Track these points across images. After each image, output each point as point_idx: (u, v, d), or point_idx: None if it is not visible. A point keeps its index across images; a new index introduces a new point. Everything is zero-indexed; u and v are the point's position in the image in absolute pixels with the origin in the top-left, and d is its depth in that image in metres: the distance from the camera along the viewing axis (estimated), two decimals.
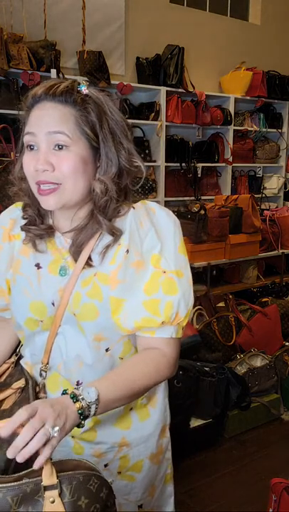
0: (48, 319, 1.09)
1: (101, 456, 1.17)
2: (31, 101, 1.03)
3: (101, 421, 1.15)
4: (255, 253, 3.57)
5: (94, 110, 1.01)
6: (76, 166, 1.00)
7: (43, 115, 1.00)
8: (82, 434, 1.14)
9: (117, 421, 1.17)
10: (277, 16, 5.46)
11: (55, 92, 1.00)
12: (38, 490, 0.82)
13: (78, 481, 0.84)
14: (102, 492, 0.87)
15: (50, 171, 0.99)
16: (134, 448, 1.20)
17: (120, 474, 1.20)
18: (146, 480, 1.25)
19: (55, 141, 0.99)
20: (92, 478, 0.86)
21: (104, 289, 1.05)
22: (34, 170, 1.00)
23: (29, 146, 1.02)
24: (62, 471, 0.85)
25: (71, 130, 0.99)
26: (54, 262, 1.10)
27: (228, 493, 2.32)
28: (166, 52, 4.33)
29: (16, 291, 1.13)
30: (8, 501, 0.81)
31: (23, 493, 0.82)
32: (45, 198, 1.02)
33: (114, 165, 1.04)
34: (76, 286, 1.06)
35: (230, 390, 2.73)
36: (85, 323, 1.06)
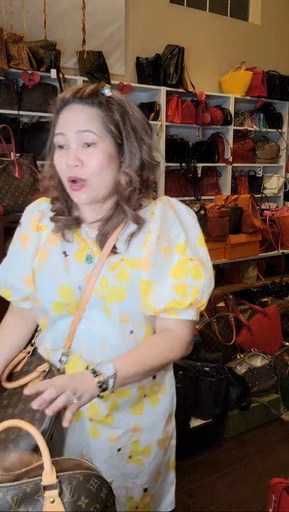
0: (74, 303, 1.16)
1: (116, 440, 1.24)
2: (60, 104, 1.12)
3: (119, 406, 1.22)
4: (255, 253, 3.57)
5: (117, 110, 1.11)
6: (103, 161, 1.10)
7: (71, 116, 1.10)
8: (101, 417, 1.21)
9: (132, 407, 1.25)
10: (277, 16, 5.46)
11: (82, 94, 1.10)
12: (38, 490, 0.83)
13: (78, 481, 0.84)
14: (102, 492, 0.87)
15: (80, 167, 1.09)
16: (144, 433, 1.28)
17: (131, 458, 1.27)
18: (153, 465, 1.32)
19: (84, 139, 1.09)
20: (92, 478, 0.86)
21: (132, 273, 1.14)
22: (66, 166, 1.10)
23: (60, 146, 1.12)
24: (62, 471, 0.85)
25: (98, 129, 1.09)
26: (80, 250, 1.19)
27: (228, 493, 2.32)
28: (166, 52, 4.33)
29: (43, 277, 1.20)
30: (8, 501, 0.81)
31: (23, 492, 0.82)
32: (77, 193, 1.12)
33: (137, 159, 1.13)
34: (103, 271, 1.15)
35: (230, 390, 2.73)
36: (112, 304, 1.14)
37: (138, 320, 1.17)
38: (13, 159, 2.37)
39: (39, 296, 1.21)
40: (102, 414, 1.21)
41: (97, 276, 1.15)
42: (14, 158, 2.38)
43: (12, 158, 2.38)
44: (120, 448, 1.25)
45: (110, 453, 1.25)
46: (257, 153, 5.16)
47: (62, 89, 3.70)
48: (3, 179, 2.36)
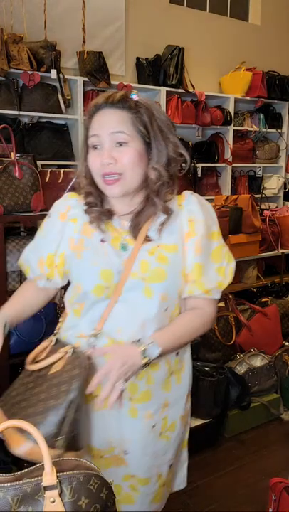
0: (113, 286, 1.27)
1: (151, 417, 1.36)
2: (93, 109, 1.26)
3: (154, 382, 1.34)
4: (255, 253, 3.57)
5: (145, 112, 1.24)
6: (134, 158, 1.23)
7: (105, 119, 1.23)
8: (140, 394, 1.33)
9: (163, 383, 1.37)
10: (277, 16, 5.46)
11: (114, 100, 1.23)
12: (38, 490, 0.83)
13: (78, 481, 0.85)
14: (102, 492, 0.87)
15: (113, 164, 1.22)
16: (171, 409, 1.40)
17: (161, 435, 1.40)
18: (178, 440, 1.45)
19: (116, 139, 1.22)
20: (92, 479, 0.86)
21: (170, 256, 1.29)
22: (100, 164, 1.23)
23: (94, 146, 1.25)
24: (63, 471, 0.85)
25: (129, 129, 1.22)
26: (115, 239, 1.31)
27: (228, 493, 2.33)
28: (166, 53, 4.33)
29: (83, 264, 1.31)
30: (8, 501, 0.81)
31: (23, 492, 0.82)
32: (111, 187, 1.25)
33: (164, 155, 1.27)
34: (142, 256, 1.28)
35: (230, 390, 2.73)
36: (154, 285, 1.27)
37: (174, 298, 1.31)
38: (14, 159, 2.38)
39: (80, 282, 1.32)
40: (141, 391, 1.32)
41: (133, 261, 1.27)
42: (14, 159, 2.38)
43: (12, 159, 2.38)
44: (154, 425, 1.37)
45: (146, 431, 1.36)
46: (257, 154, 5.15)
47: (63, 89, 3.70)
48: (4, 179, 2.37)
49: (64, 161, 3.79)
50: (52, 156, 3.73)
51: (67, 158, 3.83)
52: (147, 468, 1.38)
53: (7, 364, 2.51)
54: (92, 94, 3.93)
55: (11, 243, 2.46)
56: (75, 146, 3.91)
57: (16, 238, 2.51)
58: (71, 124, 3.93)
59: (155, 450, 1.39)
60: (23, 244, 2.49)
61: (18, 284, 2.49)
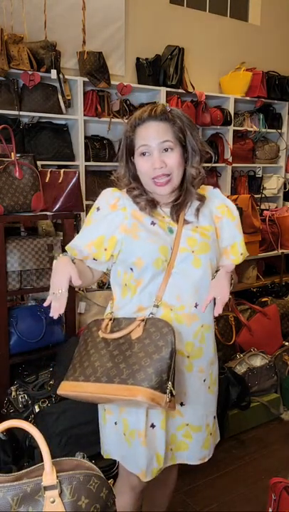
0: (168, 260, 1.51)
1: (203, 371, 1.60)
2: (138, 121, 1.50)
3: (205, 343, 1.59)
4: (255, 253, 3.57)
5: (179, 121, 1.50)
6: (179, 160, 1.51)
7: (151, 131, 1.48)
8: (195, 350, 1.56)
9: (211, 342, 1.63)
10: (277, 16, 5.46)
11: (156, 113, 1.49)
12: (38, 490, 0.83)
13: (78, 481, 0.85)
14: (102, 492, 0.87)
15: (164, 167, 1.48)
16: (214, 365, 1.67)
17: (209, 389, 1.65)
18: (218, 394, 1.71)
19: (164, 146, 1.48)
20: (92, 479, 0.86)
21: (209, 234, 1.57)
22: (151, 169, 1.48)
23: (143, 153, 1.50)
24: (63, 471, 0.85)
25: (172, 138, 1.49)
26: (161, 222, 1.55)
27: (228, 493, 2.33)
28: (166, 53, 4.33)
29: (143, 242, 1.51)
30: (8, 501, 0.81)
31: (24, 492, 0.83)
32: (162, 188, 1.51)
33: (198, 154, 1.54)
34: (187, 235, 1.54)
35: (230, 390, 2.73)
36: (202, 255, 1.53)
37: (215, 267, 1.58)
38: (14, 159, 2.38)
39: (141, 257, 1.50)
40: (196, 348, 1.56)
41: (180, 239, 1.53)
42: (14, 159, 2.38)
43: (12, 159, 2.38)
44: (205, 379, 1.61)
45: (199, 383, 1.60)
46: (257, 154, 5.15)
47: (63, 89, 3.70)
48: (4, 179, 2.37)
49: (64, 161, 3.79)
50: (52, 156, 3.73)
51: (67, 158, 3.84)
52: (200, 417, 1.61)
53: (7, 364, 2.51)
54: (92, 95, 3.93)
55: (11, 243, 2.46)
56: (75, 146, 3.92)
57: (16, 238, 2.51)
58: (71, 124, 3.93)
59: (205, 401, 1.63)
60: (23, 244, 2.49)
61: (18, 284, 2.50)
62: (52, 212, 2.56)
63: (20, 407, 2.36)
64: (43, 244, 2.55)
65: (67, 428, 2.18)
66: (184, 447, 1.62)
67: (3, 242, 2.40)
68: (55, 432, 2.16)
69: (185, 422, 1.59)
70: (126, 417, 1.54)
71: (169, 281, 1.51)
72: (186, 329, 1.54)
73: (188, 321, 1.54)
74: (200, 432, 1.62)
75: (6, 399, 2.42)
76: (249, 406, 2.81)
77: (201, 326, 1.57)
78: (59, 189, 2.58)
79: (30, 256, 2.50)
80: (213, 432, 1.69)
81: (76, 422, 2.20)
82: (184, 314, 1.52)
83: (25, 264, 2.49)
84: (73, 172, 2.65)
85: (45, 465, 0.83)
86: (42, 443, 0.84)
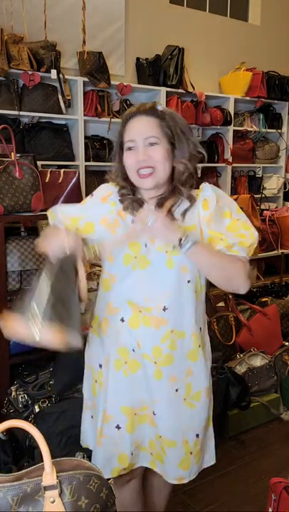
0: (140, 257, 1.49)
1: (175, 380, 1.54)
2: (127, 116, 1.51)
3: (177, 350, 1.51)
4: (255, 253, 3.57)
5: (169, 119, 1.49)
6: (164, 155, 1.47)
7: (138, 126, 1.48)
8: (164, 357, 1.50)
9: (189, 353, 1.54)
10: (277, 16, 5.46)
11: (145, 109, 1.50)
12: (39, 490, 0.83)
13: (78, 481, 0.85)
14: (102, 492, 0.87)
15: (147, 160, 1.46)
16: (196, 378, 1.57)
17: (185, 401, 1.56)
18: (203, 412, 1.60)
19: (149, 141, 1.47)
20: (92, 479, 0.86)
21: (191, 233, 1.46)
22: (136, 162, 1.47)
23: (129, 148, 1.49)
24: (63, 471, 0.85)
25: (158, 133, 1.47)
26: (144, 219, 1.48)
27: (228, 493, 2.33)
28: (166, 53, 4.33)
29: (117, 235, 1.50)
30: (8, 501, 0.81)
31: (24, 492, 0.83)
32: (144, 180, 1.48)
33: (186, 152, 1.50)
34: None
35: (230, 390, 2.73)
36: (175, 257, 1.47)
37: (194, 271, 1.50)
38: (14, 159, 2.38)
39: (113, 252, 1.52)
40: (165, 354, 1.50)
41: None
42: (14, 159, 2.38)
43: (12, 159, 2.38)
44: (178, 389, 1.54)
45: (171, 393, 1.54)
46: (257, 154, 5.15)
47: (63, 89, 3.70)
48: (4, 179, 2.37)
49: (64, 161, 3.79)
50: (52, 156, 3.73)
51: (67, 158, 3.84)
52: (173, 431, 1.54)
53: (7, 364, 2.51)
54: (92, 95, 3.93)
55: (11, 243, 2.46)
56: (75, 146, 3.92)
57: (16, 238, 2.51)
58: (71, 124, 3.93)
59: (180, 414, 1.55)
60: (23, 244, 2.49)
61: (18, 284, 2.50)
62: None
63: (20, 407, 2.36)
64: None
65: (67, 428, 2.18)
66: (161, 459, 1.59)
67: (3, 242, 2.40)
68: (55, 432, 2.16)
69: (158, 433, 1.56)
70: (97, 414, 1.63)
71: (139, 280, 1.50)
72: (153, 332, 1.50)
73: (156, 324, 1.50)
74: (174, 448, 1.56)
75: (6, 399, 2.42)
76: (249, 406, 2.81)
77: (171, 331, 1.51)
78: (59, 189, 2.59)
79: (30, 256, 2.50)
80: (195, 452, 1.61)
81: (76, 422, 2.19)
82: (152, 317, 1.49)
83: (25, 264, 2.49)
84: (73, 172, 2.65)
85: (45, 465, 0.83)
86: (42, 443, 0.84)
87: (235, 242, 1.48)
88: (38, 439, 0.85)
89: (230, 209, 1.54)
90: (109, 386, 1.57)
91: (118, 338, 1.55)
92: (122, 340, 1.54)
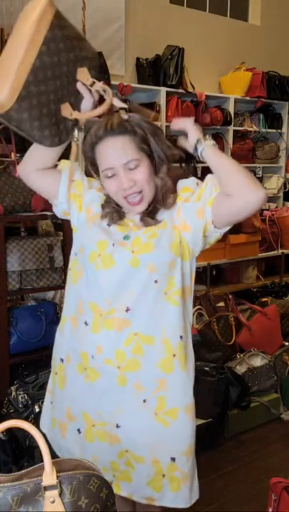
0: (105, 256, 1.39)
1: (141, 388, 1.39)
2: (94, 139, 1.36)
3: (144, 352, 1.37)
4: (255, 253, 3.58)
5: (138, 129, 1.35)
6: (148, 174, 1.37)
7: (112, 151, 1.34)
8: (127, 361, 1.37)
9: (160, 362, 1.39)
10: (277, 16, 5.46)
11: (112, 127, 1.33)
12: (39, 490, 0.83)
13: (78, 481, 0.85)
14: (102, 492, 0.87)
15: (133, 185, 1.35)
16: (171, 393, 1.40)
17: (157, 415, 1.40)
18: (181, 432, 1.42)
19: (129, 165, 1.34)
20: (92, 479, 0.86)
21: (159, 232, 1.38)
22: (121, 189, 1.35)
23: (109, 176, 1.36)
24: (63, 471, 0.85)
25: (136, 152, 1.34)
26: (122, 226, 1.43)
27: (228, 493, 2.33)
28: (166, 53, 4.33)
29: (90, 232, 1.44)
30: (8, 501, 0.81)
31: (24, 492, 0.83)
32: (136, 206, 1.39)
33: (164, 160, 1.40)
34: (137, 234, 1.39)
35: (230, 390, 2.73)
36: (141, 255, 1.36)
37: (163, 271, 1.38)
38: (14, 159, 2.38)
39: (82, 246, 1.45)
40: (129, 358, 1.37)
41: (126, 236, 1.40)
42: (14, 159, 2.38)
43: (12, 159, 2.38)
44: (146, 399, 1.39)
45: (136, 402, 1.39)
46: (257, 154, 5.15)
47: None
48: (4, 179, 2.37)
49: None
50: None
51: (67, 158, 3.83)
52: (140, 446, 1.39)
53: (7, 364, 2.51)
54: None
55: (11, 243, 2.46)
56: None
57: (16, 238, 2.51)
58: None
59: (150, 429, 1.40)
60: (23, 244, 2.49)
61: (18, 284, 2.50)
62: (52, 213, 2.55)
63: (20, 407, 2.36)
64: (43, 244, 2.55)
65: None
66: (128, 478, 1.42)
67: (3, 242, 2.40)
68: None
69: (124, 447, 1.41)
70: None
71: (101, 281, 1.40)
72: (116, 335, 1.38)
73: (119, 326, 1.37)
74: (143, 464, 1.40)
75: (6, 399, 2.43)
76: (249, 406, 2.82)
77: (135, 334, 1.37)
78: None
79: (30, 256, 2.50)
80: (170, 477, 1.41)
81: None
82: (115, 319, 1.38)
83: (25, 264, 2.49)
84: None
85: (45, 465, 0.83)
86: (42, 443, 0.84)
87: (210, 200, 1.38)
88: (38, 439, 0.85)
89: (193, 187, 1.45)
90: (73, 387, 1.48)
91: (80, 341, 1.45)
92: (83, 344, 1.43)
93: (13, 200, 2.39)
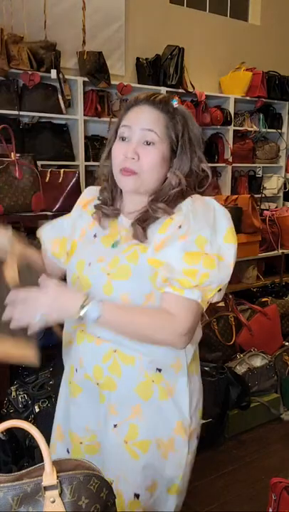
0: (82, 278, 1.25)
1: (114, 411, 1.26)
2: (132, 102, 1.24)
3: (121, 374, 1.23)
4: (255, 253, 3.57)
5: (180, 121, 1.22)
6: (157, 161, 1.20)
7: (141, 114, 1.21)
8: (105, 379, 1.25)
9: (138, 386, 1.24)
10: (277, 16, 5.46)
11: (155, 99, 1.22)
12: (39, 490, 0.83)
13: (79, 481, 0.85)
14: (103, 492, 0.87)
15: (135, 160, 1.19)
16: (146, 422, 1.25)
17: (126, 444, 1.25)
18: (149, 469, 1.25)
19: (146, 137, 1.20)
20: (92, 479, 0.86)
21: (141, 256, 1.19)
22: (123, 156, 1.20)
23: (122, 138, 1.23)
24: (63, 471, 0.85)
25: (161, 131, 1.20)
26: (109, 236, 1.28)
27: (228, 493, 2.33)
28: (166, 53, 4.33)
29: (75, 254, 1.32)
30: (8, 501, 0.81)
31: (24, 492, 0.82)
32: (126, 178, 1.21)
33: (187, 166, 1.23)
34: (116, 253, 1.23)
35: (230, 390, 2.73)
36: (116, 282, 1.20)
37: (138, 301, 1.19)
38: (14, 159, 2.38)
39: (68, 267, 1.34)
40: (106, 376, 1.25)
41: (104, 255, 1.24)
42: (14, 159, 2.38)
43: (12, 159, 2.38)
44: (116, 424, 1.26)
45: (107, 425, 1.27)
46: (257, 154, 5.15)
47: (63, 89, 3.70)
48: (4, 179, 2.37)
49: (64, 161, 3.79)
50: (52, 156, 3.73)
51: (67, 158, 3.84)
52: (109, 471, 1.23)
53: (7, 364, 2.51)
54: (92, 95, 3.93)
55: None
56: (75, 146, 3.92)
57: None
58: (71, 124, 3.93)
59: (115, 457, 1.25)
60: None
61: None
62: (52, 212, 2.56)
63: (20, 407, 2.36)
64: None
65: None
66: None
67: None
68: None
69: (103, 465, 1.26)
70: None
71: None
72: (95, 349, 1.25)
73: (98, 341, 1.25)
74: None
75: (6, 399, 2.42)
76: (249, 406, 2.82)
77: (114, 351, 1.23)
78: (59, 189, 2.59)
79: None
80: None
81: None
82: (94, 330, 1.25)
83: None
84: (73, 172, 2.65)
85: (46, 465, 0.83)
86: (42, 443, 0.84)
87: (173, 277, 1.15)
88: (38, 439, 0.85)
89: (210, 234, 1.18)
90: (61, 403, 1.41)
91: (70, 353, 1.35)
92: (72, 355, 1.34)
93: (13, 200, 2.39)
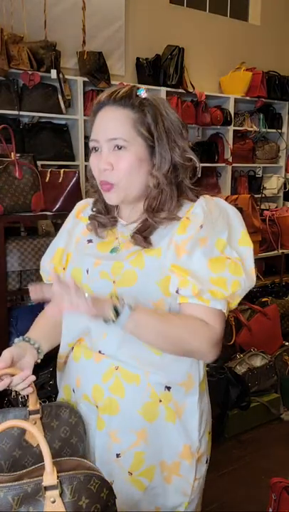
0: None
1: (116, 439, 1.14)
2: (96, 107, 1.16)
3: (125, 393, 1.13)
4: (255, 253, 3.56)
5: (149, 112, 1.12)
6: (133, 164, 1.11)
7: (103, 122, 1.13)
8: (105, 401, 1.14)
9: (142, 406, 1.14)
10: (277, 16, 5.46)
11: (116, 96, 1.12)
12: (39, 490, 0.83)
13: (79, 481, 0.85)
14: (103, 492, 0.87)
15: (109, 170, 1.11)
16: (151, 446, 1.15)
17: (131, 476, 1.14)
18: (153, 495, 1.16)
19: (115, 143, 1.11)
20: (92, 479, 0.86)
21: (148, 259, 1.12)
22: (98, 169, 1.14)
23: (94, 149, 1.15)
24: (63, 471, 0.85)
25: (127, 133, 1.11)
26: (107, 242, 1.21)
27: (228, 493, 2.33)
28: (166, 53, 4.33)
29: (70, 264, 1.26)
30: (9, 501, 0.81)
31: (24, 492, 0.82)
32: (107, 194, 1.15)
33: (168, 161, 1.12)
34: (118, 258, 1.16)
35: (230, 390, 2.73)
36: (122, 288, 1.11)
37: (148, 306, 1.11)
38: (14, 159, 2.38)
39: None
40: (107, 398, 1.14)
41: (107, 262, 1.17)
42: (14, 159, 2.38)
43: (12, 159, 2.38)
44: (119, 454, 1.14)
45: (109, 455, 1.15)
46: (257, 154, 5.15)
47: (63, 89, 3.70)
48: (4, 179, 2.37)
49: (64, 161, 3.79)
50: (52, 156, 3.73)
51: (67, 158, 3.84)
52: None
53: None
54: (92, 94, 3.93)
55: (11, 243, 2.46)
56: (75, 146, 3.91)
57: (16, 238, 2.51)
58: (71, 124, 3.93)
59: (121, 491, 1.08)
60: (23, 244, 2.49)
61: (18, 284, 2.49)
62: (52, 212, 2.56)
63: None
64: (43, 245, 2.55)
65: None
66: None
67: (3, 242, 2.40)
68: None
69: None
70: None
71: (78, 317, 1.12)
72: (94, 367, 1.16)
73: (97, 357, 1.16)
74: None
75: (6, 399, 2.42)
76: (249, 406, 2.82)
77: (116, 368, 1.13)
78: (59, 189, 2.58)
79: (30, 256, 2.50)
80: None
81: None
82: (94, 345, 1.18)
83: (25, 264, 2.49)
84: (73, 172, 2.65)
85: (46, 465, 0.83)
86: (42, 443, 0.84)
87: (205, 288, 1.08)
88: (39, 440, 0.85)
89: (227, 236, 1.14)
90: None
91: (66, 372, 1.28)
92: (68, 374, 1.26)
93: (13, 200, 2.38)
